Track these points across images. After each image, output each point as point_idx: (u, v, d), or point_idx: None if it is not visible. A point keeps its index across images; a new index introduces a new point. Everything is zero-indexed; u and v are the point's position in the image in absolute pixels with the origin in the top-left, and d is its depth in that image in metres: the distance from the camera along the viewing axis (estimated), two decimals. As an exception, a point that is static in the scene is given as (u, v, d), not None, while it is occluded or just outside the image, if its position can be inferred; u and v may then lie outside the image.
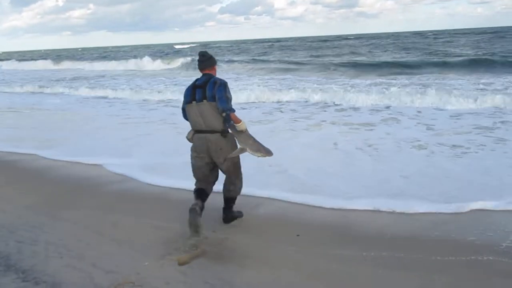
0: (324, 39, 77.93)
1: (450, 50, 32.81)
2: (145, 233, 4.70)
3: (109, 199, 5.94)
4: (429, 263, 3.91)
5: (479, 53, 28.52)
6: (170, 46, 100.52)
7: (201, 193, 4.51)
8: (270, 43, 74.90)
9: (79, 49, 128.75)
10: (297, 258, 4.08)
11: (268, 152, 4.46)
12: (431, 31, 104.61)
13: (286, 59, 33.47)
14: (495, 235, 4.38)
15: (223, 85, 4.21)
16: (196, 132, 4.32)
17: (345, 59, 31.06)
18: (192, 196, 4.69)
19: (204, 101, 4.17)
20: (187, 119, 4.44)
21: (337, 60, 29.98)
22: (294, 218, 5.07)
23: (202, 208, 4.43)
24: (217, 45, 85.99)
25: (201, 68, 4.40)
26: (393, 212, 5.10)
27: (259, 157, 4.51)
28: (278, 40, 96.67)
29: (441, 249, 4.15)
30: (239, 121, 4.28)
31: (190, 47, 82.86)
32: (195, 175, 4.57)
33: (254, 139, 4.45)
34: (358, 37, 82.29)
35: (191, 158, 4.49)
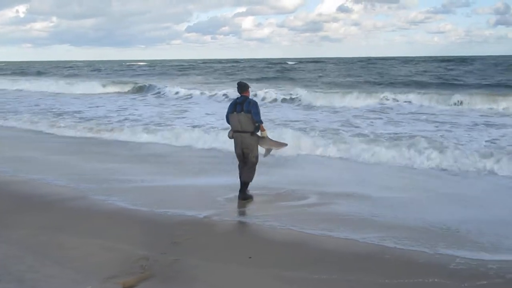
0: (298, 61, 78.58)
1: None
2: (92, 254, 4.52)
3: (59, 218, 5.72)
4: (378, 286, 3.93)
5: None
6: (128, 62, 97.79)
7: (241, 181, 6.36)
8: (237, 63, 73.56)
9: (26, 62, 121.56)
10: (249, 282, 4.02)
11: (284, 144, 6.63)
12: (393, 57, 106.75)
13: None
14: (443, 257, 4.46)
15: (256, 104, 6.15)
16: (235, 132, 6.18)
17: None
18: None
19: (242, 113, 6.05)
20: (229, 123, 6.32)
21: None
22: (247, 239, 5.03)
23: (243, 191, 6.32)
24: (169, 64, 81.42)
25: (239, 92, 6.27)
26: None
27: (281, 149, 6.68)
28: (245, 60, 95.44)
29: (390, 271, 4.18)
30: (264, 129, 6.22)
31: (142, 65, 77.11)
32: (237, 157, 6.38)
33: (273, 140, 6.50)
34: (323, 60, 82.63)
35: (235, 151, 6.34)
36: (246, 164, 6.25)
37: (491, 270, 4.14)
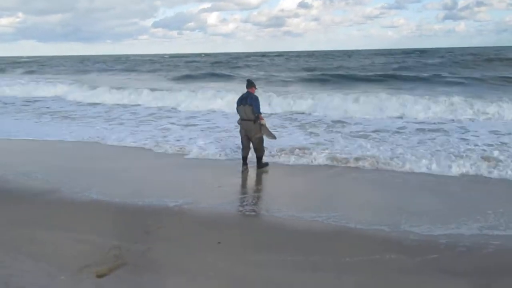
0: (262, 55, 77.92)
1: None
2: (64, 247, 4.60)
3: (31, 212, 5.73)
4: (340, 264, 4.20)
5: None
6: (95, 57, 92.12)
7: (245, 159, 7.85)
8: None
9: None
10: (217, 266, 4.21)
11: (274, 137, 8.05)
12: (351, 50, 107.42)
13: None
14: (399, 234, 4.79)
15: (257, 99, 7.67)
16: (242, 120, 7.70)
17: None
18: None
19: (246, 105, 7.58)
20: (238, 113, 7.75)
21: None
22: (216, 225, 5.21)
23: (247, 168, 7.79)
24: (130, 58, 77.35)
25: (246, 87, 7.78)
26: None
27: (270, 139, 8.01)
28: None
29: (352, 249, 4.48)
30: (262, 118, 7.70)
31: (109, 60, 73.19)
32: (242, 143, 7.88)
33: (269, 129, 7.95)
34: (287, 54, 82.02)
35: (240, 134, 7.86)
36: (253, 144, 7.76)
37: (442, 244, 4.50)
